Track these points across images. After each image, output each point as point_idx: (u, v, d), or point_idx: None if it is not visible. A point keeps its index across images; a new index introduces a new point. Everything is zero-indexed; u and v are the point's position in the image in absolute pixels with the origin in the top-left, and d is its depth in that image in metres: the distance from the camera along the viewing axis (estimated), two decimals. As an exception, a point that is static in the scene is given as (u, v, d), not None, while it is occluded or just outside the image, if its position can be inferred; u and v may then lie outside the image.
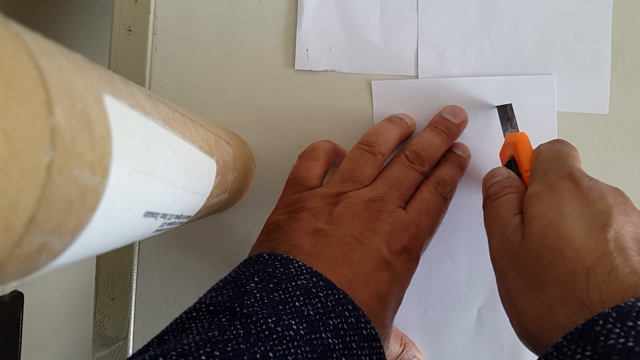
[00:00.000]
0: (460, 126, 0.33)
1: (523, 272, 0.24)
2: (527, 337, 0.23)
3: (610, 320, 0.19)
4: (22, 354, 0.39)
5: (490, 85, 0.34)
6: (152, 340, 0.22)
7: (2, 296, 0.38)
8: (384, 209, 0.28)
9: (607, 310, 0.19)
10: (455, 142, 0.34)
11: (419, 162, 0.31)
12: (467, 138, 0.34)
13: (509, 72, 0.35)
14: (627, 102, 0.34)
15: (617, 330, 0.19)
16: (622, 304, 0.19)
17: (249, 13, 0.37)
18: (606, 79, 0.34)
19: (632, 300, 0.19)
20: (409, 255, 0.28)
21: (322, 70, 0.36)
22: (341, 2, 0.36)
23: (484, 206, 0.29)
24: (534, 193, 0.26)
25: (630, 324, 0.19)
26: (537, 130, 0.32)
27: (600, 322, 0.19)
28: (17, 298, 0.39)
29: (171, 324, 0.23)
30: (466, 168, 0.34)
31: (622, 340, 0.18)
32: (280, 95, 0.36)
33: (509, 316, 0.25)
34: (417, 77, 0.35)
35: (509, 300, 0.25)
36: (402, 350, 0.34)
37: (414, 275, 0.29)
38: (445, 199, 0.31)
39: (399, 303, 0.28)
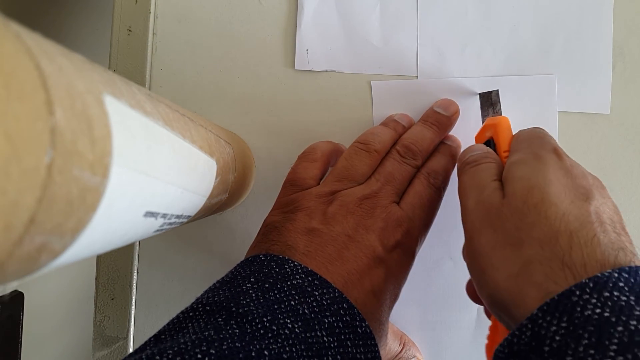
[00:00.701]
0: (451, 118, 0.33)
1: (500, 228, 0.23)
2: (497, 296, 0.22)
3: (587, 290, 0.19)
4: (22, 354, 0.39)
5: (490, 85, 0.34)
6: (149, 339, 0.22)
7: (2, 296, 0.38)
8: (377, 205, 0.28)
9: (584, 281, 0.19)
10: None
11: (410, 156, 0.31)
12: (467, 137, 0.34)
13: (509, 72, 0.35)
14: (627, 102, 0.34)
15: (594, 300, 0.19)
16: (599, 274, 0.19)
17: (249, 13, 0.37)
18: (607, 78, 0.34)
19: (609, 271, 0.19)
20: (403, 250, 0.28)
21: (322, 70, 0.36)
22: (341, 2, 0.36)
23: (459, 173, 0.29)
24: (517, 160, 0.26)
25: (607, 294, 0.19)
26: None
27: (577, 292, 0.19)
28: (17, 298, 0.39)
29: (168, 324, 0.23)
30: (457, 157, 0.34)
31: (598, 310, 0.18)
32: (280, 95, 0.36)
33: (477, 276, 0.24)
34: (417, 77, 0.35)
35: (479, 257, 0.24)
36: (402, 349, 0.34)
37: (414, 276, 0.29)
38: (438, 190, 0.31)
39: (395, 299, 0.28)
